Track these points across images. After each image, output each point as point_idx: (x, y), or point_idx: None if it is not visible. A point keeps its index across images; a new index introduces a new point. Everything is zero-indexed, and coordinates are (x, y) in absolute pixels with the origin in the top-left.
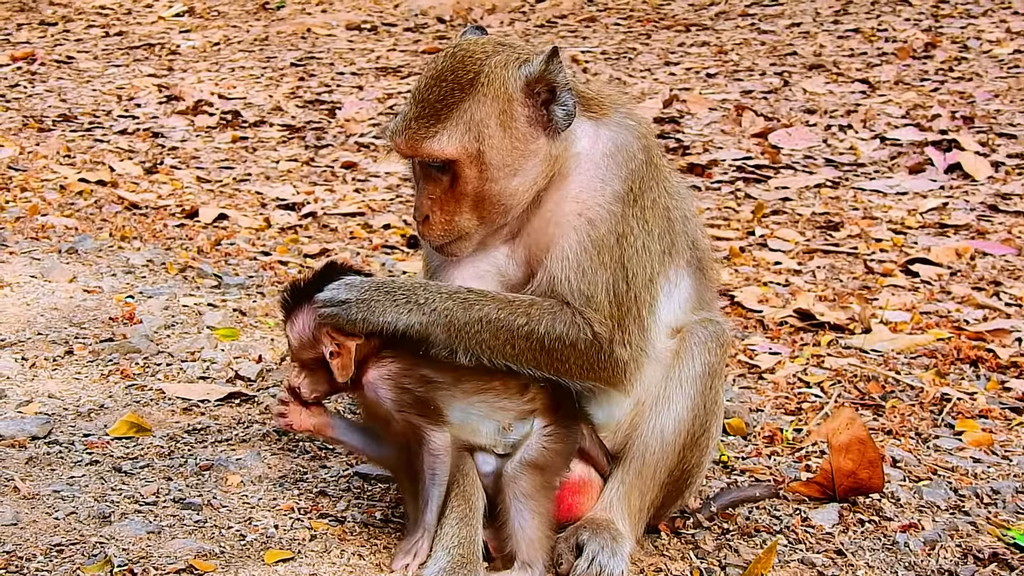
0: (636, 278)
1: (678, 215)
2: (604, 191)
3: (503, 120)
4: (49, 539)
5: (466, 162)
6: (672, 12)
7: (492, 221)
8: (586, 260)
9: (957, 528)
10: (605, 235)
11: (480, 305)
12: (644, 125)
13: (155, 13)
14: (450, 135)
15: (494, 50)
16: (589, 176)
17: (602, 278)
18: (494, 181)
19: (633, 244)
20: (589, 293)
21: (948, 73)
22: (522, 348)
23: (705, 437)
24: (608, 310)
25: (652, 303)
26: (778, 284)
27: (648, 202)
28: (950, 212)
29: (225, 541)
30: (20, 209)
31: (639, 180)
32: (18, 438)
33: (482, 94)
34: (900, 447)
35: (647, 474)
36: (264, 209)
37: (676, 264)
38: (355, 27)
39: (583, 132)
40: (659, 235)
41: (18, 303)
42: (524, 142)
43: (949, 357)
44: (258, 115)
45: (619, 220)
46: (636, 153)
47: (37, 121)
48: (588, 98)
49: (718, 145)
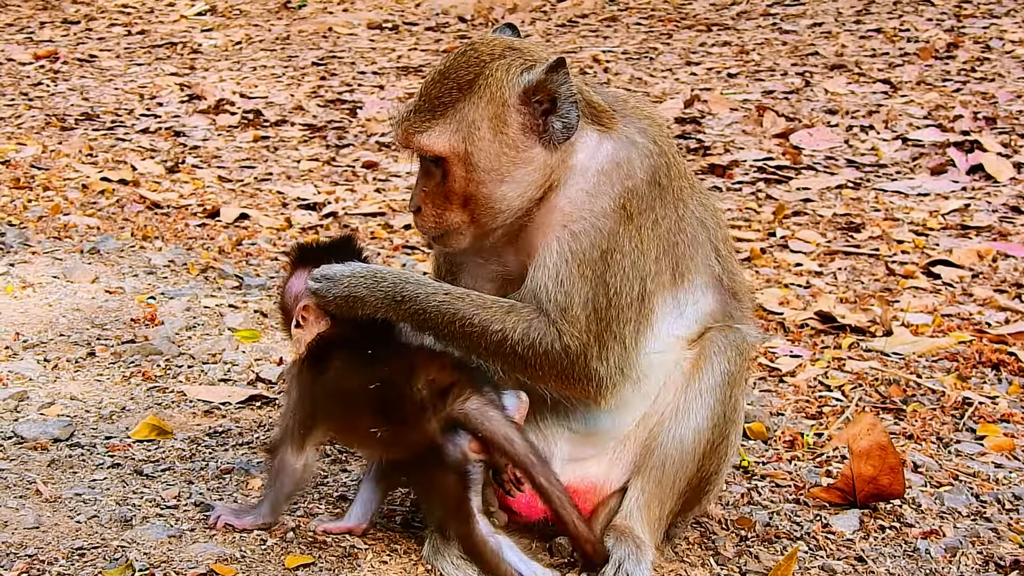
0: (620, 296)
1: (691, 237)
2: (592, 205)
3: (495, 125)
4: (71, 543)
5: (455, 161)
6: (693, 12)
7: (482, 222)
8: (564, 271)
9: (979, 535)
10: (587, 249)
11: (459, 307)
12: (658, 143)
13: (177, 12)
14: (440, 132)
15: (501, 53)
16: (578, 189)
17: (580, 291)
18: (481, 184)
19: (620, 262)
20: (565, 304)
21: (970, 73)
22: (495, 352)
23: (724, 445)
24: (584, 324)
25: (641, 323)
26: (799, 286)
27: (646, 222)
28: (972, 213)
29: (246, 545)
30: (43, 208)
31: (636, 199)
32: (40, 440)
33: (478, 96)
34: (921, 452)
35: (667, 483)
36: (285, 209)
37: (686, 284)
38: (376, 26)
39: (585, 144)
40: (658, 256)
41: (41, 304)
42: (516, 149)
43: (971, 360)
44: (279, 114)
45: (605, 236)
46: (636, 171)
47: (59, 120)
48: (598, 109)
49: (739, 145)
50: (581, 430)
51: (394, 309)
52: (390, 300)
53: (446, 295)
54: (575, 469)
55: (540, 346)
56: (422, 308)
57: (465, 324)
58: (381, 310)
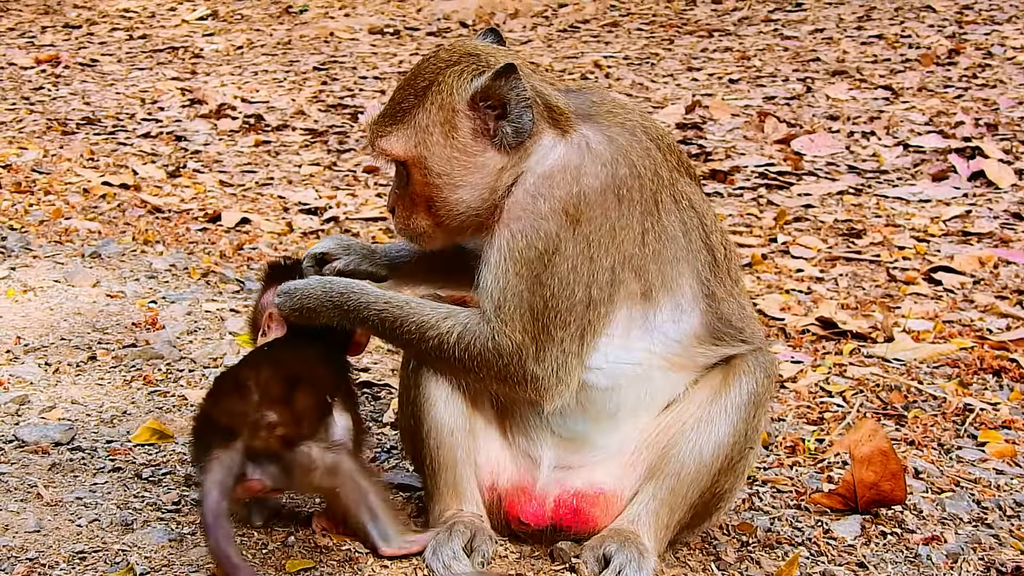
0: (557, 299)
1: (663, 253)
2: (532, 206)
3: (446, 130)
4: (72, 546)
5: (412, 165)
6: (695, 17)
7: (445, 224)
8: (501, 268)
9: (980, 541)
10: (523, 248)
11: (398, 314)
12: (627, 153)
13: (179, 16)
14: (398, 137)
15: (457, 60)
16: (523, 190)
17: (514, 289)
18: (438, 188)
19: (558, 265)
20: (499, 301)
21: (972, 80)
22: (434, 355)
23: (742, 464)
24: (519, 323)
25: (586, 330)
26: (800, 292)
27: (596, 229)
28: (973, 220)
29: (246, 550)
30: (44, 212)
31: (582, 204)
32: (41, 444)
33: (430, 102)
34: (922, 458)
35: (680, 492)
36: (286, 213)
37: (659, 301)
38: (378, 31)
39: (539, 147)
40: (614, 266)
41: (42, 308)
42: (468, 154)
43: (972, 367)
44: (281, 119)
45: (542, 237)
46: (584, 177)
47: (61, 124)
48: (557, 113)
49: (740, 151)
50: (566, 434)
51: (344, 317)
52: (338, 310)
53: (386, 303)
54: (579, 476)
55: (474, 347)
56: (365, 316)
57: (404, 329)
58: (335, 319)
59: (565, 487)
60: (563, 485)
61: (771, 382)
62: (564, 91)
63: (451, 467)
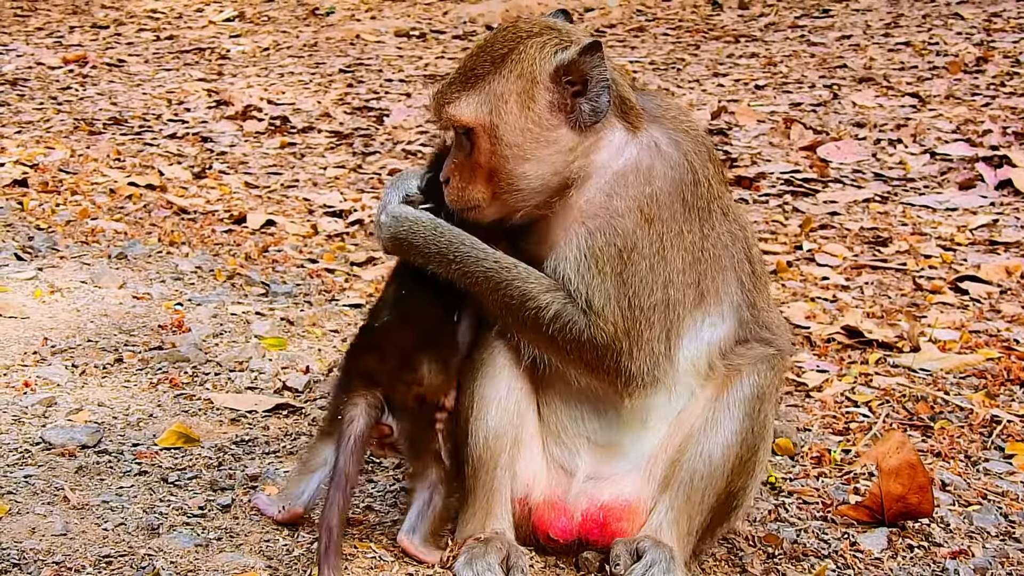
0: (640, 297)
1: (714, 260)
2: (608, 204)
3: (523, 100)
4: (98, 550)
5: (480, 132)
6: (721, 23)
7: (503, 199)
8: (584, 265)
9: (1008, 555)
10: (603, 246)
11: (505, 276)
12: (689, 159)
13: (206, 18)
14: (468, 102)
15: (539, 32)
16: (596, 188)
17: (600, 286)
18: (505, 159)
19: (638, 263)
20: (589, 297)
21: (1000, 88)
22: (529, 327)
23: (753, 461)
24: (611, 318)
25: (670, 329)
26: (826, 300)
27: (667, 230)
28: (1000, 229)
29: (273, 555)
30: (71, 213)
31: (655, 205)
32: (68, 447)
33: (508, 70)
34: (949, 470)
35: (695, 498)
36: (311, 216)
37: (706, 307)
38: (404, 34)
39: (610, 142)
40: (683, 269)
41: (68, 309)
42: (541, 127)
43: (999, 378)
44: (306, 121)
45: (620, 234)
46: (656, 179)
47: (88, 124)
48: (629, 106)
49: (766, 158)
50: (601, 441)
51: (444, 266)
52: (442, 256)
53: (496, 262)
54: (606, 488)
55: (571, 331)
56: (470, 271)
57: (507, 293)
58: (433, 263)
59: (593, 500)
60: (591, 498)
61: (776, 375)
62: (636, 89)
63: (491, 471)
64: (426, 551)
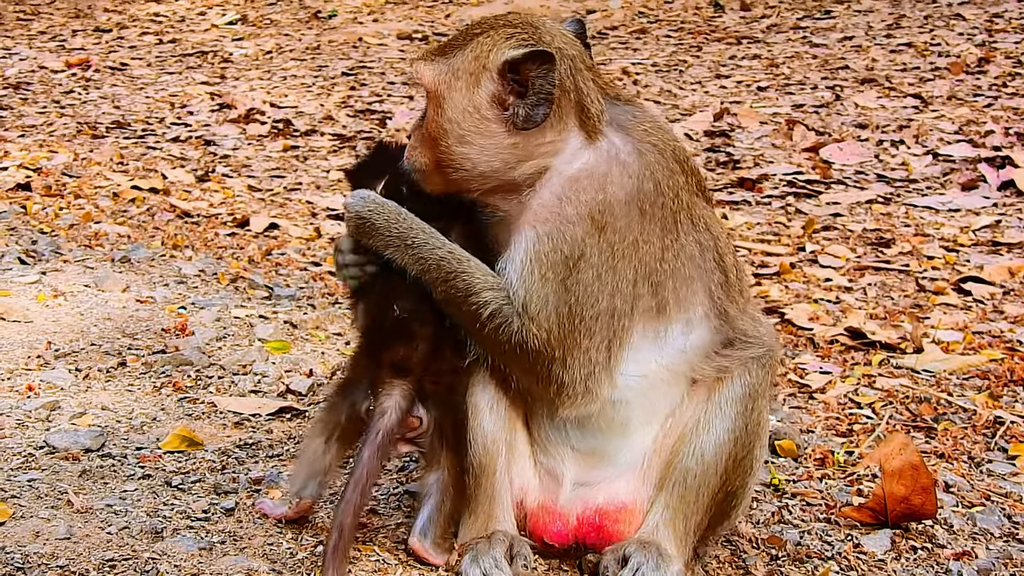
0: (583, 306)
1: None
2: (559, 209)
3: (470, 82)
4: (102, 554)
5: (431, 98)
6: (723, 24)
7: (446, 174)
8: (527, 269)
9: (1011, 557)
10: (549, 252)
11: (455, 267)
12: (652, 169)
13: (208, 21)
14: (430, 67)
15: (516, 24)
16: (549, 192)
17: (540, 291)
18: (445, 132)
19: (584, 271)
20: (526, 301)
21: (1002, 89)
22: (469, 322)
23: (749, 459)
24: (547, 325)
25: (612, 341)
26: (829, 301)
27: (619, 240)
28: (1003, 230)
29: (276, 558)
30: (74, 216)
31: (607, 213)
32: (72, 451)
33: (469, 51)
34: (953, 471)
35: (690, 498)
36: (314, 219)
37: (671, 318)
38: (406, 36)
39: (566, 148)
40: (636, 280)
41: (72, 312)
42: (480, 115)
43: (1002, 379)
44: (309, 124)
45: (568, 241)
46: (610, 187)
47: (91, 128)
48: (589, 116)
49: (769, 159)
50: (584, 448)
51: (402, 251)
52: (401, 240)
53: (448, 252)
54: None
55: (505, 332)
56: (424, 257)
57: (453, 285)
58: (391, 248)
59: (587, 504)
60: (585, 502)
61: (767, 373)
62: (612, 99)
63: (490, 476)
64: (436, 554)
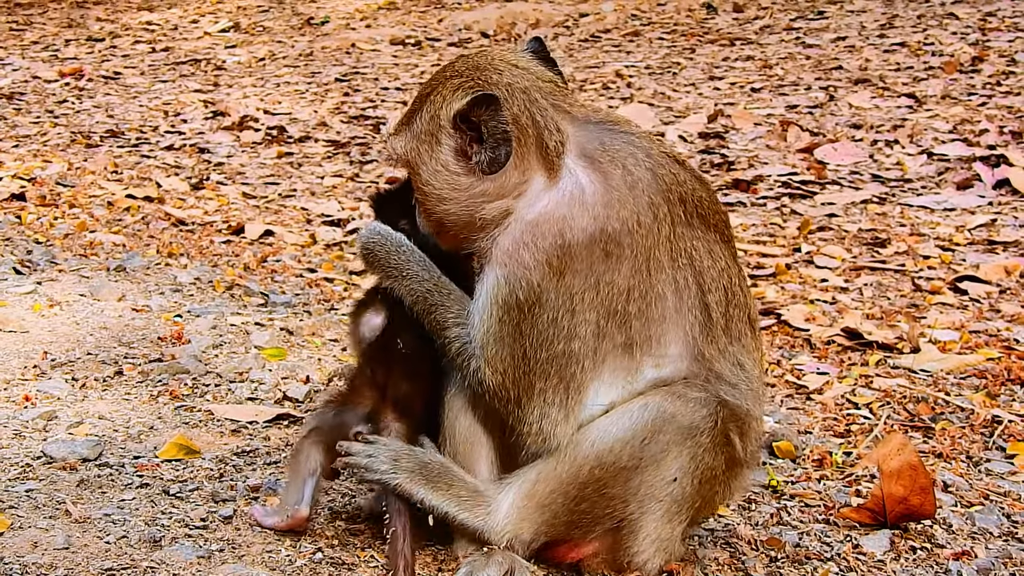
0: (537, 350)
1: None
2: (518, 255)
3: (432, 143)
4: (100, 563)
5: (408, 168)
6: (716, 26)
7: (440, 233)
8: (487, 311)
9: (1011, 556)
10: (507, 295)
11: (438, 305)
12: (619, 206)
13: (201, 29)
14: (400, 140)
15: (461, 72)
16: (511, 237)
17: (496, 334)
18: (427, 197)
19: (539, 316)
20: (484, 342)
21: (996, 87)
22: (443, 351)
23: (637, 480)
24: (502, 367)
25: (569, 383)
26: (825, 302)
27: (580, 282)
28: (999, 229)
29: (275, 565)
30: (69, 226)
31: (566, 257)
32: (69, 460)
33: (426, 112)
34: (951, 471)
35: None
36: (309, 225)
37: (643, 357)
38: (399, 42)
39: (529, 189)
40: (599, 320)
41: (68, 322)
42: (448, 171)
43: (999, 378)
44: (303, 130)
45: (524, 287)
46: (568, 232)
47: (85, 137)
48: (548, 152)
49: (763, 160)
50: None
51: (396, 281)
52: (396, 271)
53: (434, 285)
54: None
55: (467, 369)
56: (413, 289)
57: (431, 318)
58: (388, 277)
59: None
60: None
61: (703, 422)
62: (583, 120)
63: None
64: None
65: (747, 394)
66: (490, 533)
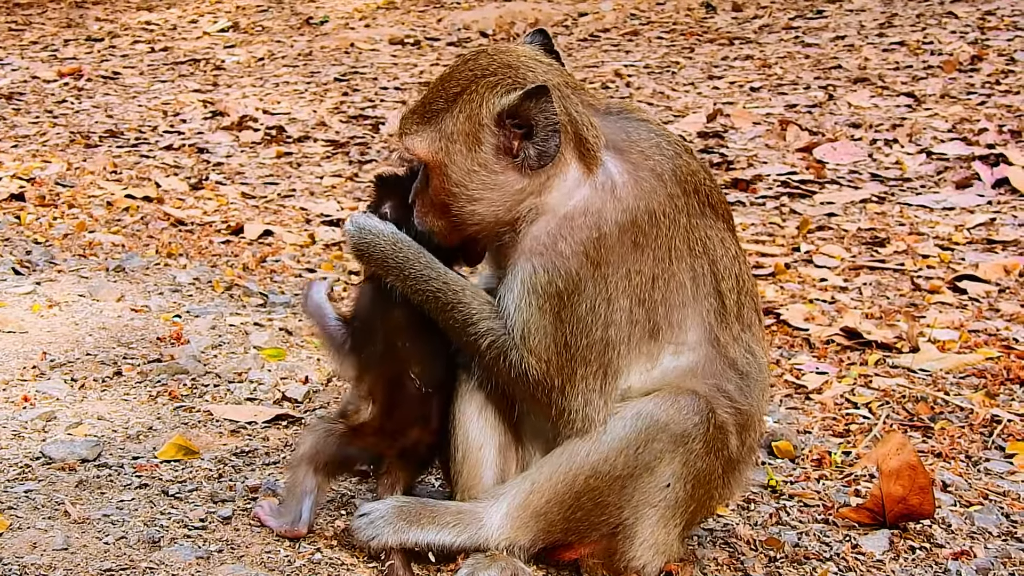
0: (577, 337)
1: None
2: (555, 245)
3: (469, 142)
4: (99, 564)
5: (433, 169)
6: (715, 25)
7: (459, 231)
8: (524, 300)
9: (1010, 556)
10: (545, 285)
11: (451, 298)
12: (648, 198)
13: (200, 29)
14: (423, 139)
15: (495, 70)
16: (545, 228)
17: (537, 323)
18: (454, 197)
19: (578, 304)
20: (524, 332)
21: (995, 86)
22: (471, 348)
23: (632, 487)
24: (545, 355)
25: (607, 369)
26: (824, 301)
27: (614, 272)
28: (998, 228)
29: (275, 566)
30: (68, 226)
31: (602, 248)
32: (68, 461)
33: (459, 110)
34: (950, 470)
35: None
36: (309, 225)
37: (663, 343)
38: (398, 42)
39: (563, 182)
40: (632, 308)
41: (67, 322)
42: (488, 171)
43: (999, 377)
44: (302, 130)
45: (562, 276)
46: (604, 224)
47: (84, 137)
48: (586, 146)
49: (762, 160)
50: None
51: (401, 280)
52: (399, 270)
53: (444, 283)
54: None
55: (505, 362)
56: (422, 289)
57: (452, 316)
58: (390, 276)
59: None
60: None
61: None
62: (604, 112)
63: (477, 486)
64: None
65: (755, 383)
66: (486, 543)
